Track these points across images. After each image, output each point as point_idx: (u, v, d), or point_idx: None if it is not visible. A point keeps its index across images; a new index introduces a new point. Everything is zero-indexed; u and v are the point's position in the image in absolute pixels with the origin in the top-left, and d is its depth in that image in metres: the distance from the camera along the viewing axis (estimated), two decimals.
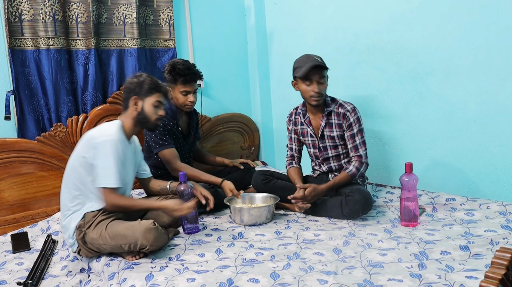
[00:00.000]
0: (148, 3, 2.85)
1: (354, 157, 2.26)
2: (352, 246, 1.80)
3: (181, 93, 2.40)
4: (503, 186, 2.21)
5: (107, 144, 1.82)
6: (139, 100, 1.96)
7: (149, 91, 1.96)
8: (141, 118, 1.97)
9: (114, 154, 1.82)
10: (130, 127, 1.99)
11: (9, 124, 2.40)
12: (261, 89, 3.40)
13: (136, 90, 1.96)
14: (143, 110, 1.96)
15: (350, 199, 2.11)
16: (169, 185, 2.16)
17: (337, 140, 2.30)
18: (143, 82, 1.96)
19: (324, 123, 2.29)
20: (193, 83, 2.41)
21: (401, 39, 2.49)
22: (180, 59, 2.47)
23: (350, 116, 2.24)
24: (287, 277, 1.52)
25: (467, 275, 1.46)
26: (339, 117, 2.27)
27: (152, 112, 1.97)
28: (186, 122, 2.57)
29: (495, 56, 2.14)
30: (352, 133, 2.25)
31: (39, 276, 1.83)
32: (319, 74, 2.16)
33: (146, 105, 1.96)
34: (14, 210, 2.32)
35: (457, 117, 2.33)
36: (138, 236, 1.72)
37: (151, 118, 1.98)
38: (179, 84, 2.38)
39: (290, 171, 2.42)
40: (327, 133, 2.30)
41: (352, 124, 2.25)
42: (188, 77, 2.37)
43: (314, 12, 2.95)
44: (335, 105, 2.29)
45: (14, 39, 2.37)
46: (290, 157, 2.48)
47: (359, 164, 2.24)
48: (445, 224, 2.00)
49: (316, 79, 2.17)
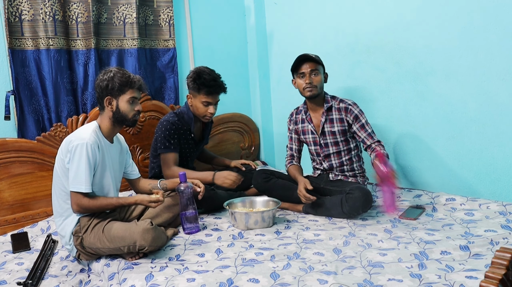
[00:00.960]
0: (148, 3, 2.85)
1: (374, 143, 2.24)
2: (352, 246, 1.80)
3: (202, 104, 2.36)
4: (503, 186, 2.21)
5: (78, 148, 1.78)
6: (113, 99, 1.90)
7: (121, 89, 1.88)
8: (118, 117, 1.91)
9: (84, 158, 1.78)
10: (109, 128, 1.93)
11: (9, 124, 2.40)
12: (261, 89, 3.39)
13: (108, 89, 1.88)
14: (119, 109, 1.90)
15: (350, 196, 2.12)
16: (159, 182, 2.15)
17: (338, 136, 2.31)
18: (113, 79, 1.88)
19: (325, 119, 2.30)
20: (216, 95, 2.38)
21: (401, 39, 2.49)
22: (206, 67, 2.41)
23: (353, 109, 2.28)
24: (287, 277, 1.52)
25: (467, 275, 1.46)
26: (340, 112, 2.29)
27: (128, 110, 1.91)
28: (200, 129, 2.55)
29: (495, 56, 2.14)
30: (361, 124, 2.28)
31: (39, 276, 1.83)
32: (310, 66, 2.23)
33: (121, 103, 1.89)
34: (14, 210, 2.32)
35: (457, 117, 2.33)
36: (136, 237, 1.71)
37: (128, 115, 1.92)
38: (202, 94, 2.34)
39: (290, 168, 2.43)
40: (327, 129, 2.31)
41: (358, 116, 2.28)
42: (213, 89, 2.33)
43: (314, 12, 2.95)
44: (335, 101, 2.32)
45: (14, 39, 2.37)
46: (290, 156, 2.48)
47: (382, 147, 2.22)
48: (445, 224, 2.00)
49: (307, 71, 2.23)
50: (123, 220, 2.04)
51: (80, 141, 1.79)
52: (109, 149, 1.93)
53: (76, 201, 1.81)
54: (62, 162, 1.84)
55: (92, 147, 1.81)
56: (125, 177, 2.16)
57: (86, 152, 1.79)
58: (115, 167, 1.99)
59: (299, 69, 2.26)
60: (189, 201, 2.04)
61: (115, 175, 2.00)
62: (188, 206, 2.04)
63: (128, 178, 2.17)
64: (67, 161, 1.82)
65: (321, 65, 2.29)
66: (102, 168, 1.89)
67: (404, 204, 2.30)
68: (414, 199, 2.36)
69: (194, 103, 2.39)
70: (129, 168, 2.14)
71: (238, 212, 2.11)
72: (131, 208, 2.13)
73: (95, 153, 1.82)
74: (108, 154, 1.93)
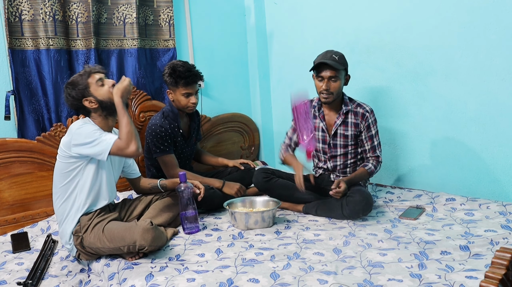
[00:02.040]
0: (148, 3, 2.85)
1: (371, 157, 2.29)
2: (352, 246, 1.80)
3: (183, 96, 2.38)
4: (503, 186, 2.21)
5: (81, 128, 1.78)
6: (88, 96, 1.86)
7: (83, 83, 1.85)
8: (103, 106, 1.87)
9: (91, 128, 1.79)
10: (102, 121, 1.91)
11: (9, 124, 2.40)
12: (261, 89, 3.39)
13: (77, 92, 1.85)
14: (98, 99, 1.85)
15: (351, 199, 2.11)
16: (159, 182, 2.15)
17: (349, 139, 2.30)
18: (74, 84, 1.87)
19: (340, 121, 2.28)
20: (194, 85, 2.40)
21: (401, 39, 2.49)
22: (179, 61, 2.45)
23: (369, 117, 2.26)
24: (287, 277, 1.52)
25: (467, 275, 1.46)
26: (356, 117, 2.27)
27: (104, 92, 1.86)
28: (187, 124, 2.57)
29: (495, 56, 2.14)
30: (370, 135, 2.28)
31: (39, 276, 1.83)
32: (330, 72, 2.15)
33: (96, 93, 1.85)
34: (14, 210, 2.32)
35: (457, 117, 2.33)
36: (136, 237, 1.71)
37: (109, 97, 1.85)
38: (180, 87, 2.37)
39: (288, 156, 2.40)
40: (341, 131, 2.30)
41: (370, 125, 2.27)
42: (189, 79, 2.36)
43: (314, 12, 2.96)
44: (352, 104, 2.30)
45: (14, 39, 2.37)
46: (287, 146, 2.45)
47: (376, 163, 2.28)
48: (445, 224, 2.00)
49: (326, 76, 2.17)
50: (123, 220, 2.05)
51: (79, 124, 1.81)
52: None
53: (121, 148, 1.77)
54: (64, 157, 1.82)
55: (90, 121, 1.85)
56: (125, 176, 2.15)
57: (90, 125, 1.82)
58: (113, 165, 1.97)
59: (319, 71, 2.19)
60: (189, 201, 2.04)
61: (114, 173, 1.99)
62: (188, 206, 2.04)
63: (129, 177, 2.17)
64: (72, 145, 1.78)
65: (343, 69, 2.19)
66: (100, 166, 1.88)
67: (404, 204, 2.30)
68: (414, 199, 2.36)
69: (176, 98, 2.41)
70: (129, 167, 2.13)
71: (238, 212, 2.11)
72: (131, 208, 2.13)
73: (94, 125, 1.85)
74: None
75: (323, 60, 2.15)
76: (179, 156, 2.48)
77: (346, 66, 2.21)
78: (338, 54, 2.19)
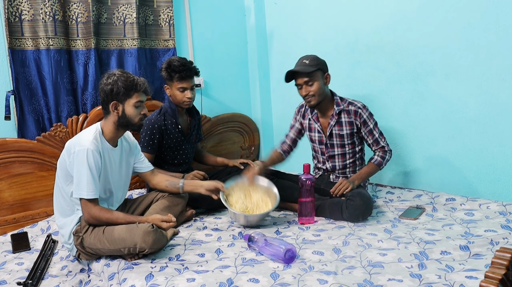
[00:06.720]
0: (148, 3, 2.85)
1: (377, 150, 2.31)
2: (352, 246, 1.80)
3: (178, 90, 2.39)
4: (503, 186, 2.21)
5: (79, 154, 1.77)
6: (119, 104, 1.85)
7: (126, 93, 1.84)
8: (123, 122, 1.87)
9: (84, 164, 1.76)
10: (112, 132, 1.89)
11: (9, 124, 2.40)
12: (261, 89, 3.40)
13: (113, 93, 1.83)
14: (125, 113, 1.86)
15: (351, 203, 2.10)
16: (181, 183, 2.12)
17: (345, 139, 2.30)
18: (117, 82, 1.83)
19: (334, 122, 2.29)
20: (189, 79, 2.40)
21: (401, 39, 2.49)
22: (176, 56, 2.47)
23: (362, 113, 2.27)
24: (287, 277, 1.52)
25: (467, 275, 1.46)
26: (349, 115, 2.28)
27: (134, 114, 1.87)
28: (187, 121, 2.57)
29: (495, 56, 2.14)
30: (369, 129, 2.28)
31: (39, 276, 1.83)
32: (302, 77, 2.19)
33: (127, 108, 1.86)
34: (14, 210, 2.32)
35: (457, 117, 2.33)
36: (137, 239, 1.71)
37: (134, 120, 1.88)
38: (175, 81, 2.37)
39: (274, 151, 2.50)
40: (336, 131, 2.31)
41: (366, 120, 2.27)
42: (184, 73, 2.36)
43: (314, 12, 2.96)
44: (344, 103, 2.30)
45: (14, 39, 2.37)
46: (282, 142, 2.52)
47: (383, 153, 2.29)
48: (445, 224, 2.00)
49: (301, 82, 2.20)
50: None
51: (80, 147, 1.78)
52: (111, 153, 1.91)
53: (85, 209, 1.79)
54: (64, 163, 1.84)
55: (92, 152, 1.78)
56: (137, 171, 2.11)
57: (87, 158, 1.77)
58: (119, 170, 1.97)
59: (296, 80, 2.23)
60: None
61: (119, 178, 1.99)
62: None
63: (140, 171, 2.12)
64: (68, 163, 1.81)
65: (317, 70, 2.17)
66: (104, 173, 1.88)
67: (404, 204, 2.30)
68: (414, 199, 2.36)
69: (172, 93, 2.42)
70: (139, 163, 2.10)
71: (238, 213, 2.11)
72: (132, 208, 2.12)
73: (96, 158, 1.79)
74: (110, 158, 1.90)
75: (292, 69, 2.19)
76: (178, 152, 2.48)
77: (320, 66, 2.20)
78: (309, 57, 2.21)
